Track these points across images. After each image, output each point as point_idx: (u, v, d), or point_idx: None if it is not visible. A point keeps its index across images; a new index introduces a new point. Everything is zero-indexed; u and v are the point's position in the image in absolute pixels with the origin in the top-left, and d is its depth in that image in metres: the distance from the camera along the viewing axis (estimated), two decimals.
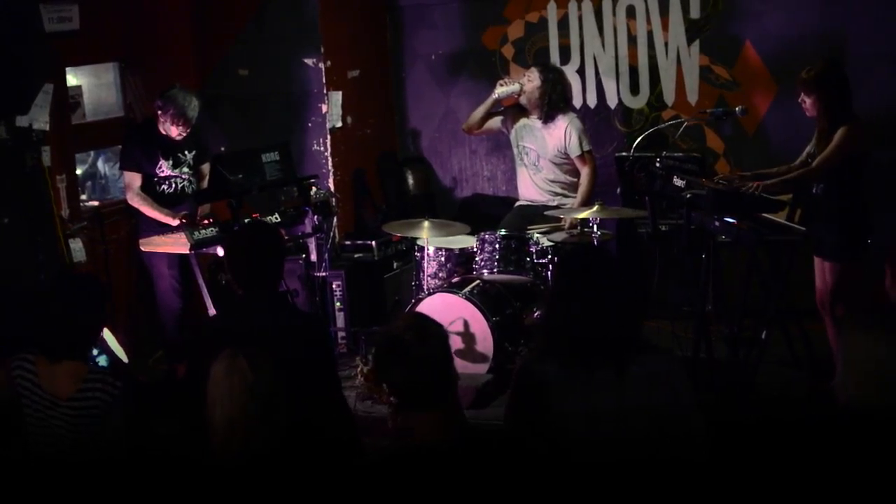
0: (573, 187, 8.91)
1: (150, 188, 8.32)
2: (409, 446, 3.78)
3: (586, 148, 8.83)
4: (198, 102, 8.24)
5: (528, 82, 8.90)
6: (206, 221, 8.09)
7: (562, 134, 8.81)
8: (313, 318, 7.90)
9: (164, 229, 8.09)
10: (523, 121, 9.03)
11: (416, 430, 3.76)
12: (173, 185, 8.42)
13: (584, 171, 8.84)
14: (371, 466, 3.81)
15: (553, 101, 8.85)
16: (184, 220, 8.03)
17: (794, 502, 4.15)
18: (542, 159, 8.90)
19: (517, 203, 9.17)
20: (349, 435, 5.14)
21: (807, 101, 7.16)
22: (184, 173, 8.45)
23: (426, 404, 3.72)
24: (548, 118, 8.86)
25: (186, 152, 8.44)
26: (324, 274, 8.73)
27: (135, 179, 8.28)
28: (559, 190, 8.92)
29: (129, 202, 8.34)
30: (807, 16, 9.18)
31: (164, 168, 8.34)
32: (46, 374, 4.82)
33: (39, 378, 4.82)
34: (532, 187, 9.01)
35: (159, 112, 8.18)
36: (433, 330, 3.76)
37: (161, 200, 8.30)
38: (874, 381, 3.75)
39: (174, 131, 8.19)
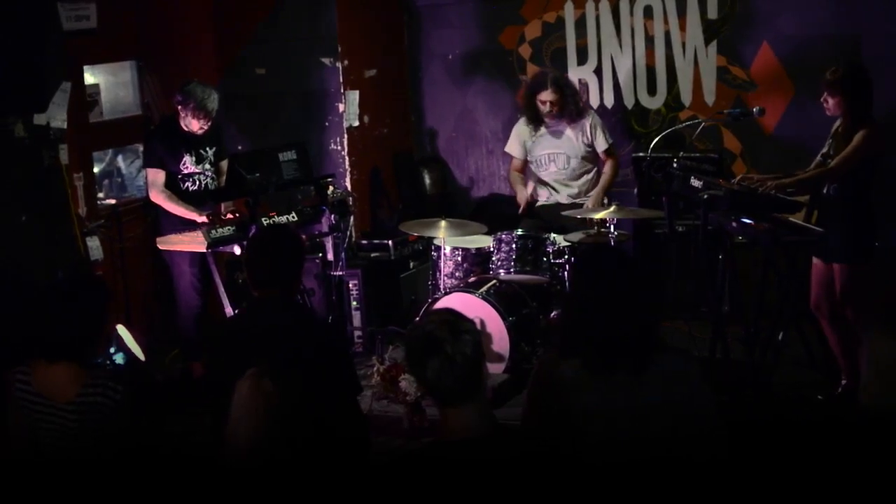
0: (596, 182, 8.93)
1: (175, 186, 8.32)
2: (441, 442, 3.78)
3: (610, 141, 8.88)
4: (217, 95, 8.24)
5: (553, 107, 8.82)
6: (230, 216, 8.08)
7: (588, 129, 8.81)
8: (326, 320, 7.93)
9: (183, 227, 8.11)
10: (539, 132, 8.97)
11: (446, 425, 3.76)
12: (197, 183, 8.42)
13: (610, 163, 8.91)
14: (402, 462, 3.81)
15: (577, 105, 8.85)
16: (211, 217, 8.03)
17: (811, 503, 4.15)
18: (573, 159, 8.88)
19: (538, 203, 9.13)
20: (360, 436, 5.14)
21: (829, 102, 7.14)
22: (206, 170, 8.45)
23: (458, 400, 3.72)
24: (574, 119, 8.84)
25: (208, 148, 8.44)
26: (340, 273, 8.73)
27: (158, 177, 8.28)
28: (587, 187, 8.91)
29: (153, 199, 8.32)
30: (822, 17, 9.17)
31: (188, 164, 8.34)
32: (43, 380, 4.74)
33: (34, 386, 4.74)
34: (558, 190, 8.97)
35: (179, 106, 8.18)
36: (466, 326, 3.76)
37: (186, 198, 8.29)
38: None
39: (195, 125, 8.19)
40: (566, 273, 8.15)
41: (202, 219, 8.00)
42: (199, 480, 4.40)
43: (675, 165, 7.25)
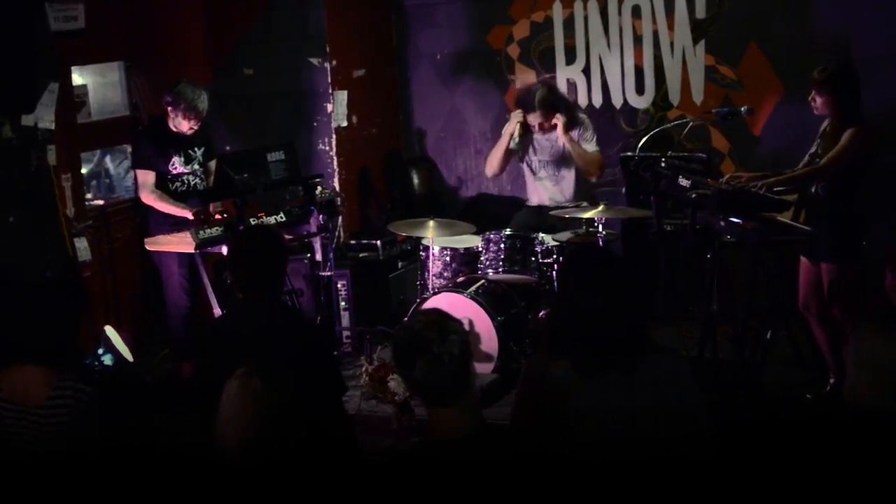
0: (591, 190, 8.88)
1: (164, 187, 8.33)
2: (429, 442, 3.78)
3: (595, 148, 8.77)
4: (206, 96, 8.25)
5: (542, 127, 8.73)
6: (218, 216, 8.06)
7: (576, 135, 8.73)
8: (311, 320, 7.92)
9: (171, 228, 8.10)
10: (534, 137, 8.91)
11: (434, 425, 3.76)
12: (186, 183, 8.43)
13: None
14: (392, 463, 3.81)
15: (570, 117, 8.77)
16: (200, 215, 8.01)
17: (800, 502, 4.15)
18: (563, 168, 8.83)
19: (527, 204, 9.12)
20: (346, 436, 5.14)
21: (818, 101, 7.15)
22: (195, 170, 8.46)
23: (445, 400, 3.72)
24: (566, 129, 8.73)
25: (196, 149, 8.45)
26: (329, 273, 8.73)
27: (148, 178, 8.29)
28: (580, 197, 8.85)
29: (144, 200, 8.34)
30: (811, 17, 9.18)
31: (177, 165, 8.35)
32: (12, 385, 4.72)
33: (4, 392, 4.71)
34: (550, 198, 8.92)
35: (170, 108, 8.19)
36: (453, 326, 3.76)
37: (175, 199, 8.30)
38: (884, 382, 3.74)
39: (185, 125, 8.20)
40: (554, 273, 8.15)
41: (191, 216, 8.00)
42: (188, 481, 4.40)
43: (663, 165, 7.25)
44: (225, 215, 8.03)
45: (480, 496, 3.61)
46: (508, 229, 8.43)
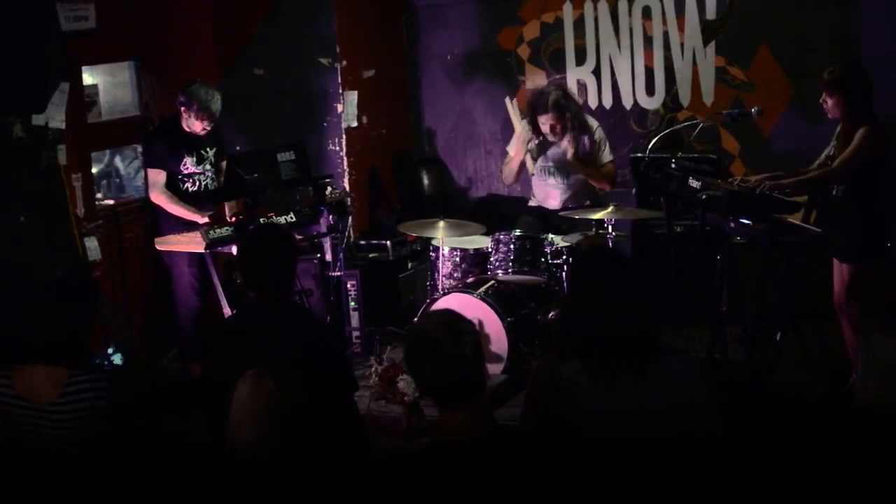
0: (598, 194, 8.85)
1: (175, 187, 8.33)
2: (441, 443, 3.78)
3: (611, 157, 8.75)
4: (219, 96, 8.25)
5: (553, 130, 8.66)
6: (233, 219, 8.06)
7: (586, 144, 8.69)
8: (322, 321, 7.92)
9: (181, 228, 8.10)
10: (544, 139, 8.86)
11: (447, 427, 3.75)
12: (197, 183, 8.43)
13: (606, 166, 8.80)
14: (403, 463, 3.80)
15: (577, 124, 8.72)
16: (214, 219, 8.02)
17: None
18: (572, 175, 8.78)
19: (529, 204, 9.12)
20: (359, 435, 5.14)
21: (829, 102, 7.13)
22: (207, 170, 8.46)
23: (457, 401, 3.71)
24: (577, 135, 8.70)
25: (208, 149, 8.46)
26: (338, 273, 8.74)
27: (159, 177, 8.29)
28: (587, 202, 8.83)
29: (153, 200, 8.34)
30: (821, 17, 9.17)
31: (189, 165, 8.35)
32: (24, 383, 4.70)
33: (16, 390, 4.69)
34: (558, 202, 8.91)
35: (183, 108, 8.19)
36: (465, 327, 3.75)
37: (186, 198, 8.31)
38: (894, 382, 3.74)
39: (198, 126, 8.20)
40: (564, 273, 8.14)
41: (203, 220, 8.01)
42: (199, 481, 4.40)
43: (673, 166, 7.24)
44: (240, 217, 8.04)
45: (491, 497, 3.61)
46: (518, 230, 8.42)
